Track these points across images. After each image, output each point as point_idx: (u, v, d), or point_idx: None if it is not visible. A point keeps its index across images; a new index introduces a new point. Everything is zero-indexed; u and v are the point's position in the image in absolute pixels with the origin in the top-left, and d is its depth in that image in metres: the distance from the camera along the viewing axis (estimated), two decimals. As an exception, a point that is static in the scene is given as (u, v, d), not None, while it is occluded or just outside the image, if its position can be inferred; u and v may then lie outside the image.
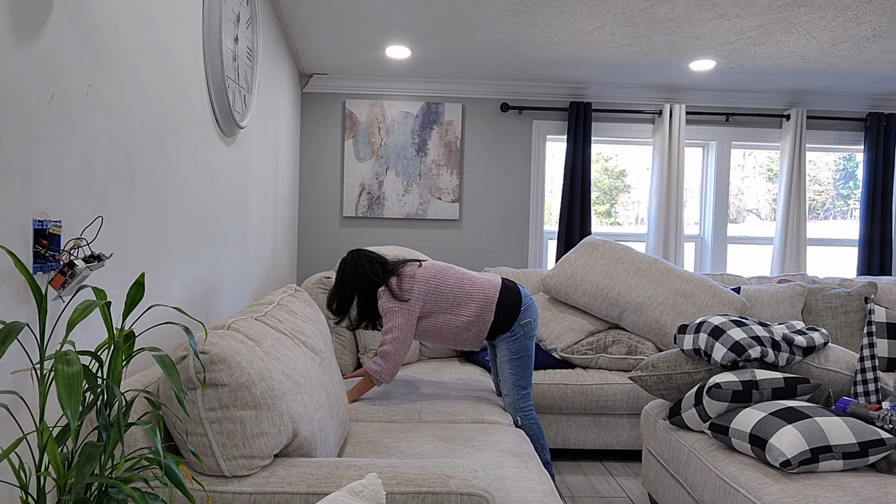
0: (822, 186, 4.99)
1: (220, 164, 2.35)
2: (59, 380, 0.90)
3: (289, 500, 1.37)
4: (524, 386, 2.63)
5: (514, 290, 2.63)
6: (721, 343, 2.35)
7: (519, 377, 2.61)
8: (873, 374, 2.37)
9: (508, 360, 2.62)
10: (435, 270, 2.60)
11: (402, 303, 2.53)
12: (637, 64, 3.97)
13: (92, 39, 1.38)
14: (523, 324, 2.60)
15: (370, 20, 3.35)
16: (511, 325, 2.59)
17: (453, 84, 4.48)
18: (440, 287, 2.58)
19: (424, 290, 2.56)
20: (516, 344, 2.61)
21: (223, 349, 1.41)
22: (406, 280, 2.56)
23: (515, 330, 2.60)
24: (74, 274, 1.18)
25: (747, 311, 3.68)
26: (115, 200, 1.51)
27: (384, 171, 4.49)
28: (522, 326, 2.60)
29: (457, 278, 2.61)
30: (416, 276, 2.57)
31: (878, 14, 3.08)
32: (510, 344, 2.61)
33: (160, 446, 1.05)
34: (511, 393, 2.62)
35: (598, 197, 4.86)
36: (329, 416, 1.78)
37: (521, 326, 2.60)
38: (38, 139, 1.19)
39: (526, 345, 2.61)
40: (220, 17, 2.13)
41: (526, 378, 2.62)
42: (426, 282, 2.57)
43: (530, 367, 2.63)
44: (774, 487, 1.83)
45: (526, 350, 2.61)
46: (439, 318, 2.58)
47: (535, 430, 2.63)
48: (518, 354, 2.61)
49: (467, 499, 1.38)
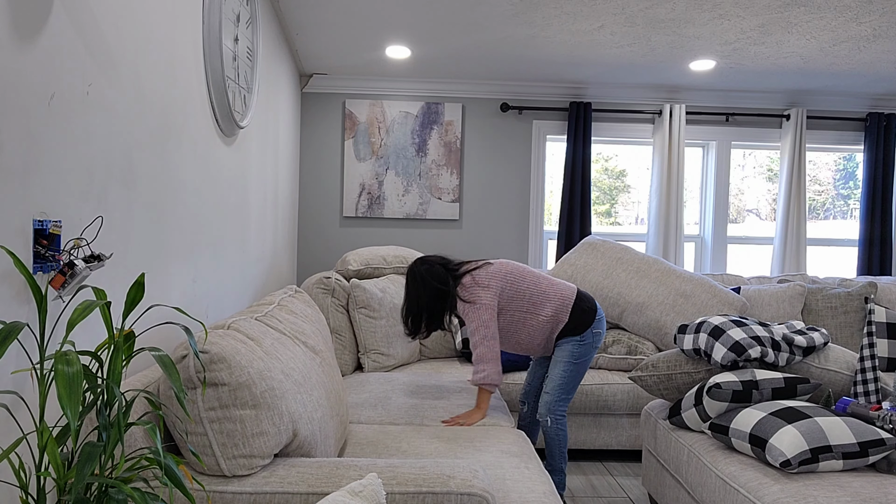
0: (822, 186, 4.99)
1: (220, 164, 2.35)
2: (59, 380, 0.90)
3: (289, 500, 1.37)
4: (568, 391, 2.58)
5: (590, 299, 2.62)
6: (721, 343, 2.34)
7: (568, 380, 2.56)
8: (873, 374, 2.37)
9: (566, 361, 2.56)
10: (511, 268, 2.56)
11: (479, 300, 2.47)
12: (637, 64, 3.97)
13: (92, 39, 1.38)
14: (595, 332, 2.58)
15: (370, 20, 3.35)
16: (583, 330, 2.56)
17: (453, 84, 4.48)
18: (517, 284, 2.53)
19: (501, 285, 2.51)
20: (581, 349, 2.57)
21: (223, 349, 1.41)
22: (482, 277, 2.50)
23: (586, 336, 2.57)
24: (74, 274, 1.18)
25: (747, 311, 3.68)
26: (115, 200, 1.51)
27: (384, 171, 4.49)
28: (594, 335, 2.58)
29: (534, 277, 2.57)
30: (492, 272, 2.52)
31: (878, 14, 3.08)
32: (575, 347, 2.56)
33: (160, 446, 1.05)
34: (553, 393, 2.56)
35: (598, 197, 4.86)
36: (329, 416, 1.78)
37: (592, 334, 2.57)
38: (38, 139, 1.19)
39: (589, 354, 2.58)
40: (220, 17, 2.13)
41: (573, 385, 2.58)
42: (503, 277, 2.52)
43: (581, 377, 2.59)
44: (774, 487, 1.83)
45: (586, 358, 2.58)
46: (516, 317, 2.55)
47: (560, 438, 2.59)
48: (578, 360, 2.56)
49: (467, 499, 1.38)
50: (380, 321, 3.27)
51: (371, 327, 3.24)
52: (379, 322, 3.27)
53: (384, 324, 3.29)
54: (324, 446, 1.68)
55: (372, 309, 3.26)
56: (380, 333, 3.26)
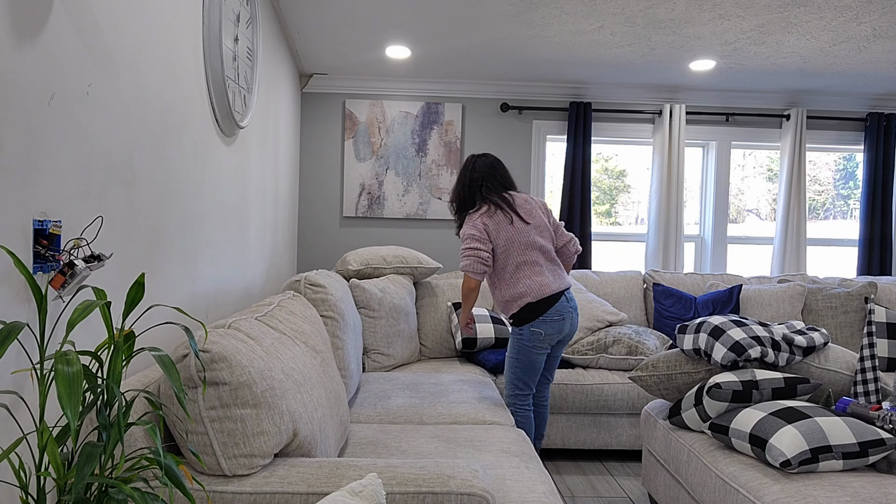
0: (822, 186, 4.99)
1: (220, 164, 2.35)
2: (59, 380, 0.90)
3: (289, 499, 1.37)
4: (513, 382, 2.76)
5: (551, 301, 2.67)
6: (721, 343, 2.34)
7: (510, 370, 2.76)
8: (873, 374, 2.37)
9: (508, 353, 2.77)
10: (509, 235, 2.68)
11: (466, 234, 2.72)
12: (637, 64, 3.97)
13: (92, 39, 1.38)
14: (532, 330, 2.67)
15: (370, 20, 3.35)
16: (521, 324, 2.69)
17: (453, 84, 4.48)
18: (504, 253, 2.69)
19: (486, 238, 2.68)
20: (517, 342, 2.72)
21: (224, 348, 1.41)
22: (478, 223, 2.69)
23: (523, 331, 2.69)
24: (74, 274, 1.18)
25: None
26: (115, 200, 1.51)
27: (384, 171, 4.49)
28: (531, 333, 2.68)
29: (516, 266, 2.68)
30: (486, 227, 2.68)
31: (878, 14, 3.08)
32: (514, 339, 2.73)
33: (160, 446, 1.05)
34: (506, 386, 2.80)
35: (598, 197, 4.86)
36: (329, 416, 1.78)
37: (529, 331, 2.68)
38: (38, 139, 1.19)
39: (524, 350, 2.70)
40: (220, 17, 2.13)
41: (515, 376, 2.74)
42: (491, 235, 2.68)
43: (523, 369, 2.72)
44: (774, 487, 1.83)
45: (522, 353, 2.71)
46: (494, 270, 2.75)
47: (521, 423, 2.76)
48: (513, 354, 2.73)
49: (467, 499, 1.38)
50: (380, 321, 3.27)
51: (371, 327, 3.24)
52: (379, 322, 3.27)
53: (384, 324, 3.29)
54: (324, 446, 1.68)
55: (372, 309, 3.26)
56: (380, 333, 3.26)
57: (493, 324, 3.56)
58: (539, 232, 2.73)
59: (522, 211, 2.74)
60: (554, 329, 2.68)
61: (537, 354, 2.71)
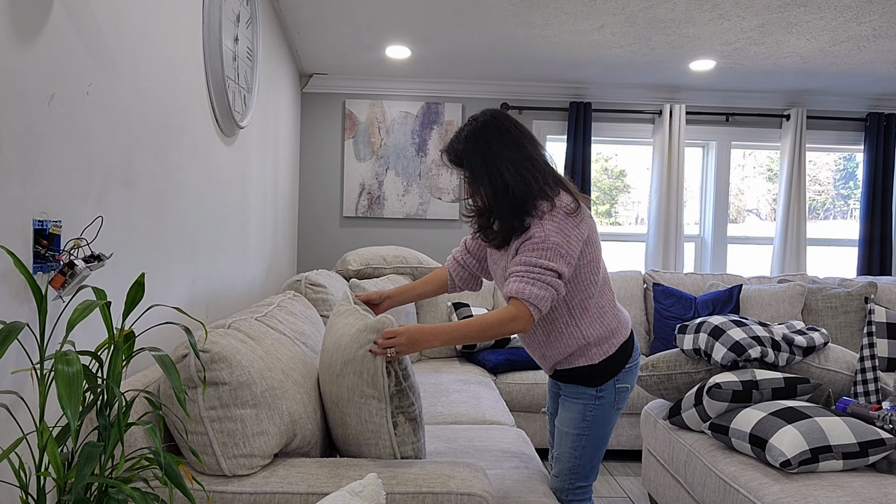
0: (822, 186, 4.99)
1: (220, 164, 2.35)
2: (59, 380, 0.90)
3: (289, 500, 1.37)
4: (585, 475, 1.77)
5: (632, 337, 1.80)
6: (721, 343, 2.34)
7: (581, 459, 1.75)
8: (873, 374, 2.37)
9: (576, 432, 1.74)
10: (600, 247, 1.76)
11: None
12: (637, 64, 3.97)
13: (92, 39, 1.38)
14: (619, 387, 1.74)
15: (370, 20, 3.35)
16: (603, 380, 1.72)
17: (453, 84, 4.48)
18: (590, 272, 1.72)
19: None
20: (596, 410, 1.73)
21: (224, 348, 1.41)
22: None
23: (606, 390, 1.72)
24: (74, 274, 1.18)
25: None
26: (115, 200, 1.51)
27: (384, 171, 4.49)
28: (617, 391, 1.73)
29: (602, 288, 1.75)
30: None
31: (878, 14, 3.08)
32: (589, 406, 1.73)
33: (160, 446, 1.05)
34: (563, 477, 1.77)
35: (598, 197, 4.86)
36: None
37: (615, 389, 1.73)
38: (38, 139, 1.19)
39: (608, 417, 1.74)
40: (220, 17, 2.13)
41: (591, 462, 1.77)
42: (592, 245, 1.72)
43: (602, 446, 1.77)
44: (774, 487, 1.83)
45: (605, 423, 1.75)
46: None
47: None
48: (592, 427, 1.74)
49: (467, 499, 1.38)
50: (380, 321, 3.27)
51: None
52: (379, 322, 3.27)
53: (384, 324, 3.29)
54: (323, 446, 1.68)
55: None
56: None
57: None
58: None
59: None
60: (635, 380, 1.79)
61: (615, 419, 1.78)
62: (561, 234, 1.61)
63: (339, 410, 1.55)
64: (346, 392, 1.52)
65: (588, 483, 1.79)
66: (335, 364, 1.55)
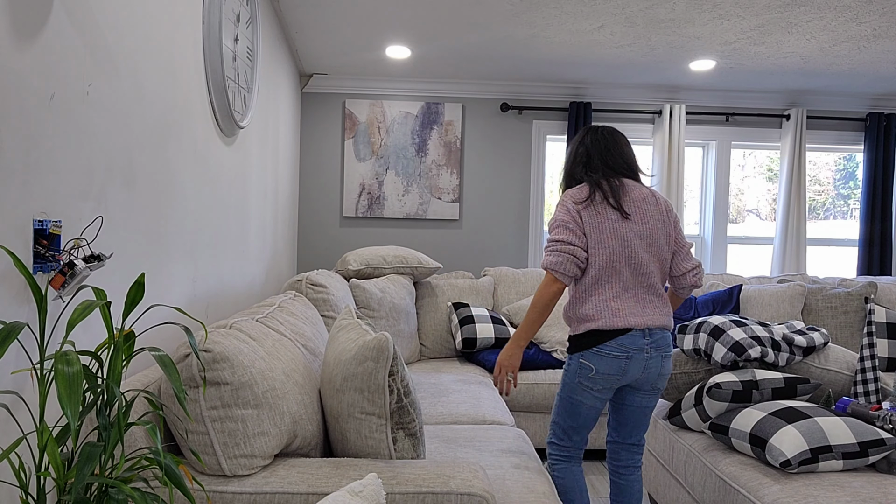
0: (822, 186, 4.99)
1: (220, 164, 2.35)
2: (59, 380, 0.90)
3: (289, 500, 1.37)
4: (554, 429, 2.14)
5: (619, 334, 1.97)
6: (721, 343, 2.34)
7: (555, 416, 2.14)
8: (873, 374, 2.37)
9: (559, 385, 2.17)
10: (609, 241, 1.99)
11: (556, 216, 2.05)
12: (637, 64, 3.97)
13: (92, 39, 1.38)
14: (582, 363, 2.00)
15: (370, 20, 3.35)
16: (571, 350, 2.04)
17: (453, 84, 4.48)
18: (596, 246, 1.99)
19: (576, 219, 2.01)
20: (565, 375, 2.07)
21: (226, 348, 1.41)
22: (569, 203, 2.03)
23: (572, 360, 2.03)
24: (74, 274, 1.18)
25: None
26: (115, 200, 1.51)
27: (384, 171, 4.49)
28: (581, 364, 2.00)
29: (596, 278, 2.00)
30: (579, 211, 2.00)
31: (878, 14, 3.08)
32: (565, 368, 2.09)
33: (160, 446, 1.05)
34: (550, 427, 2.18)
35: (598, 197, 4.85)
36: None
37: (578, 362, 2.01)
38: (38, 139, 1.19)
39: (572, 384, 2.04)
40: (220, 17, 2.13)
41: (559, 419, 2.11)
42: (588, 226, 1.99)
43: (568, 412, 2.07)
44: (774, 487, 1.83)
45: (569, 390, 2.05)
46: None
47: (558, 483, 2.14)
48: (561, 385, 2.10)
49: (467, 499, 1.38)
50: (380, 321, 3.27)
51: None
52: (379, 322, 3.27)
53: (384, 324, 3.28)
54: (324, 447, 1.68)
55: (372, 309, 3.26)
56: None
57: (493, 324, 3.55)
58: (647, 245, 2.00)
59: (632, 208, 2.01)
60: (612, 368, 1.97)
61: (583, 397, 2.02)
62: (561, 210, 2.04)
63: (339, 426, 1.57)
64: (345, 408, 1.53)
65: (561, 444, 2.13)
66: (335, 379, 1.56)
